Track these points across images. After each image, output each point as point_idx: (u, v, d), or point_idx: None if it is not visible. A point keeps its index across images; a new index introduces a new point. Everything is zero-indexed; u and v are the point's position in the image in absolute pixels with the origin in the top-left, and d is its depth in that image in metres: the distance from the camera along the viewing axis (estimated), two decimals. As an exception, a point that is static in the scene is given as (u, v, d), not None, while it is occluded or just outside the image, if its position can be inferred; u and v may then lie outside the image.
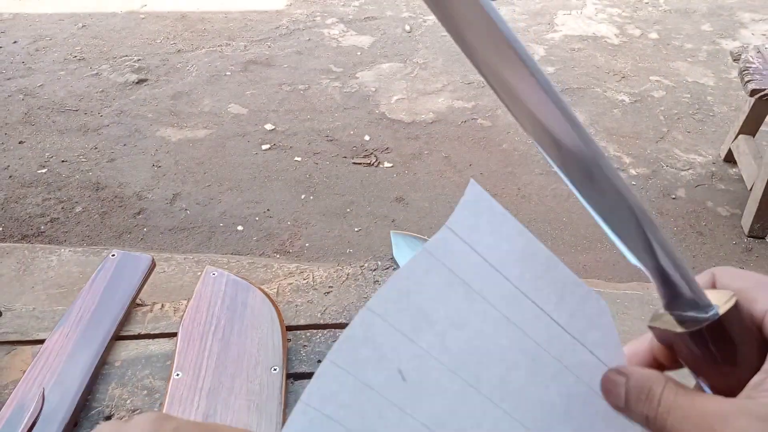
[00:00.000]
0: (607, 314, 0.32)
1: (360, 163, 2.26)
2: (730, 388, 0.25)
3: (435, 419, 0.29)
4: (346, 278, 0.75)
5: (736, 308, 0.25)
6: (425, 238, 0.82)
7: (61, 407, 0.56)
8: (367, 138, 2.40)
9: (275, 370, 0.60)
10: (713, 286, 0.28)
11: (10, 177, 2.12)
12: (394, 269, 0.79)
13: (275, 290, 0.75)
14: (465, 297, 0.29)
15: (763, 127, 2.20)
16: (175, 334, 0.67)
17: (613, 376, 0.28)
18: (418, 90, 2.74)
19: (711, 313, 0.26)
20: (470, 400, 0.29)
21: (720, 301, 0.26)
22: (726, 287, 0.27)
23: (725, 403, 0.24)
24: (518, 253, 0.30)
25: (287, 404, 0.58)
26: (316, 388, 0.28)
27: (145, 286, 0.72)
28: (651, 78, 2.89)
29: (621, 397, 0.27)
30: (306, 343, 0.66)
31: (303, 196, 2.10)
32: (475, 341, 0.29)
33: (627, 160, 2.33)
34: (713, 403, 0.24)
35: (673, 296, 0.27)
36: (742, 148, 2.14)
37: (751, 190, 1.99)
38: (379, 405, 0.28)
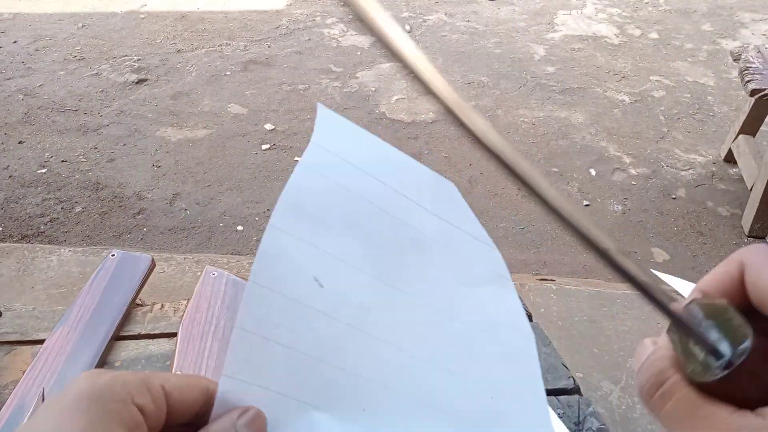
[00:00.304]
0: (457, 191, 0.37)
1: (360, 163, 2.26)
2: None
3: (355, 317, 0.31)
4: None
5: (752, 351, 0.22)
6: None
7: (60, 407, 0.56)
8: (367, 138, 2.40)
9: (275, 370, 0.59)
10: (742, 283, 0.24)
11: (10, 177, 2.12)
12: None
13: (275, 290, 0.75)
14: (348, 199, 0.33)
15: (763, 127, 2.20)
16: (174, 334, 0.67)
17: (646, 342, 0.27)
18: (418, 90, 2.74)
19: (720, 362, 0.23)
20: (379, 291, 0.32)
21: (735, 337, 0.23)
22: (761, 289, 0.23)
23: (738, 420, 0.22)
24: (376, 156, 0.36)
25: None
26: (247, 312, 0.29)
27: (145, 286, 0.72)
28: (651, 78, 2.89)
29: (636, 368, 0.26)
30: (306, 343, 0.66)
31: (303, 196, 2.10)
32: (368, 238, 0.33)
33: (627, 160, 2.33)
34: (727, 420, 0.22)
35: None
36: (743, 148, 2.14)
37: (751, 190, 1.99)
38: (307, 316, 0.30)
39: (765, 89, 1.89)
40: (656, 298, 0.23)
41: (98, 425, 0.24)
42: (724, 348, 0.22)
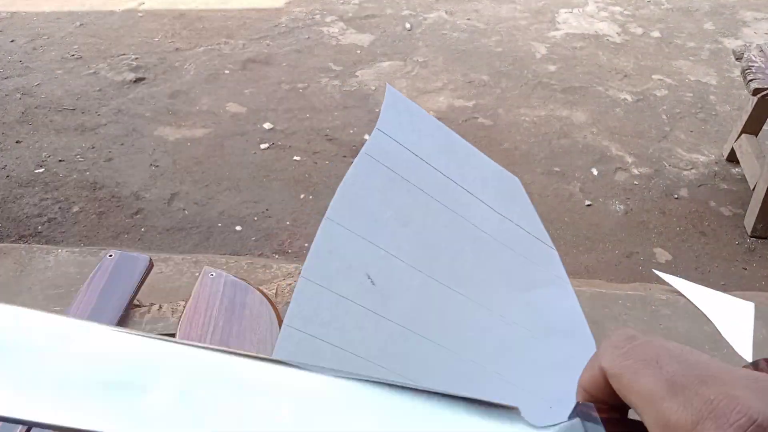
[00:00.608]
0: (520, 186, 0.36)
1: (360, 163, 2.25)
2: None
3: (406, 317, 0.30)
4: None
5: None
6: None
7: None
8: (367, 137, 2.39)
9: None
10: (608, 387, 0.24)
11: (7, 177, 2.10)
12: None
13: (274, 291, 0.74)
14: (408, 193, 0.32)
15: (766, 127, 2.19)
16: (173, 335, 0.66)
17: None
18: (418, 89, 2.73)
19: None
20: (431, 291, 0.31)
21: None
22: (627, 399, 0.23)
23: None
24: (441, 146, 0.34)
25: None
26: (297, 309, 0.28)
27: (143, 287, 0.71)
28: (653, 77, 2.88)
29: None
30: (307, 346, 0.65)
31: (302, 196, 2.09)
32: (423, 234, 0.32)
33: (629, 159, 2.32)
34: None
35: None
36: (745, 147, 2.13)
37: (753, 189, 1.98)
38: (356, 315, 0.29)
39: (767, 88, 1.88)
40: None
41: None
42: None
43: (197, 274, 0.74)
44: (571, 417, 0.24)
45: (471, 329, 0.32)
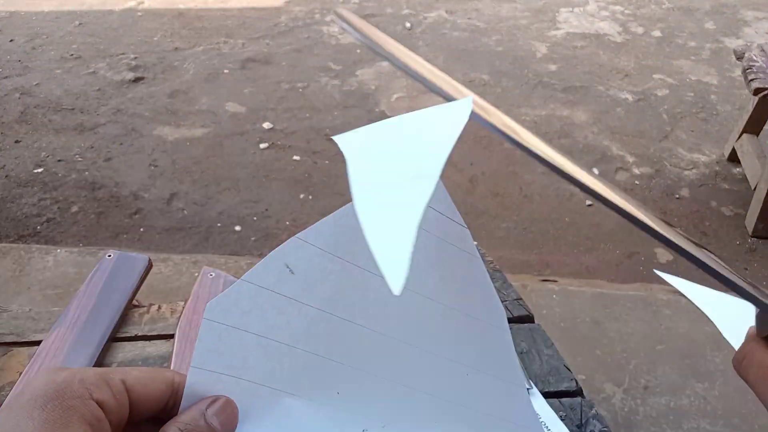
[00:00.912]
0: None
1: (360, 162, 2.24)
2: None
3: (328, 301, 0.30)
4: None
5: None
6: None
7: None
8: (367, 137, 2.38)
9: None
10: None
11: (6, 177, 2.10)
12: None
13: (275, 292, 0.74)
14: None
15: (767, 127, 2.19)
16: (172, 336, 0.66)
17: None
18: (418, 88, 2.72)
19: None
20: (351, 275, 0.31)
21: None
22: None
23: None
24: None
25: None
26: (215, 302, 0.29)
27: (142, 287, 0.71)
28: (654, 76, 2.87)
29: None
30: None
31: (302, 196, 2.08)
32: (342, 227, 0.32)
33: (630, 159, 2.31)
34: None
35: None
36: (746, 147, 2.12)
37: (755, 189, 1.98)
38: (277, 303, 0.30)
39: (768, 88, 1.87)
40: (737, 285, 0.26)
41: (56, 423, 0.23)
42: None
43: (196, 274, 0.74)
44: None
45: (391, 307, 0.32)
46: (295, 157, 2.26)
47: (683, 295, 1.19)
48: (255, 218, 1.98)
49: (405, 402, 0.33)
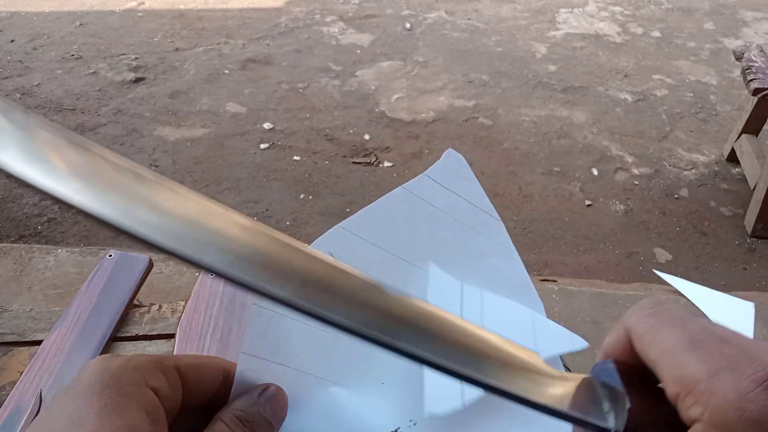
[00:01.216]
0: (464, 162, 0.38)
1: (360, 163, 2.25)
2: None
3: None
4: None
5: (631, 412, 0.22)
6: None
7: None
8: (367, 137, 2.39)
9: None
10: (630, 349, 0.24)
11: (7, 176, 2.10)
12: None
13: (276, 291, 0.74)
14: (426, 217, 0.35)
15: (766, 127, 2.19)
16: (172, 336, 0.66)
17: None
18: (418, 88, 2.73)
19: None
20: (393, 265, 0.33)
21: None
22: (646, 357, 0.23)
23: None
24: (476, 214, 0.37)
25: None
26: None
27: (143, 287, 0.71)
28: (653, 77, 2.88)
29: None
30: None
31: (302, 196, 2.09)
32: (385, 213, 0.34)
33: (629, 159, 2.32)
34: None
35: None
36: (745, 147, 2.13)
37: (754, 189, 1.98)
38: None
39: (767, 88, 1.88)
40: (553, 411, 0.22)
41: (114, 409, 0.23)
42: (611, 422, 0.22)
43: (197, 274, 0.74)
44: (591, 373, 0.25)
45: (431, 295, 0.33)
46: (296, 158, 2.26)
47: (683, 295, 1.19)
48: (255, 218, 1.98)
49: (449, 388, 0.33)
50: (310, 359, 0.30)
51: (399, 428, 0.31)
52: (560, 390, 0.23)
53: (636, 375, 0.23)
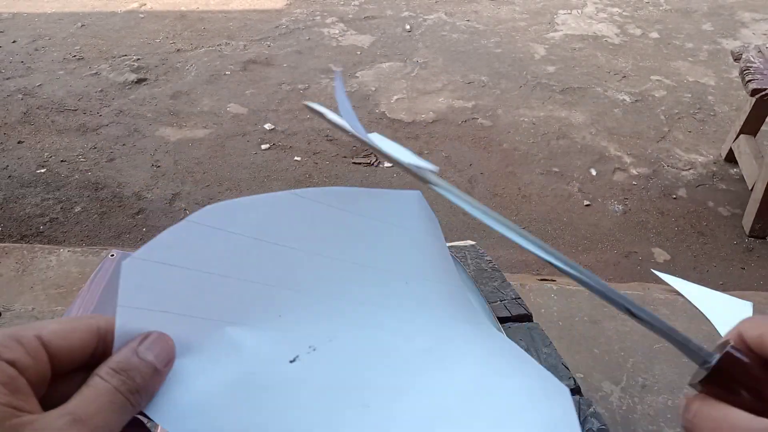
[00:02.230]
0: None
1: (360, 163, 2.26)
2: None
3: (256, 230, 0.31)
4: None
5: (729, 355, 0.28)
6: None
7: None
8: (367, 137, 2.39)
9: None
10: (741, 339, 0.30)
11: (9, 177, 2.11)
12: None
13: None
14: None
15: (764, 127, 2.20)
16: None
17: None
18: (418, 89, 2.74)
19: (710, 362, 0.29)
20: (279, 198, 0.32)
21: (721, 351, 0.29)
22: (752, 338, 0.29)
23: (754, 421, 0.26)
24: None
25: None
26: (145, 248, 0.28)
27: (145, 286, 0.72)
28: (652, 77, 2.88)
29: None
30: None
31: (303, 196, 2.09)
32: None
33: (628, 159, 2.32)
34: (743, 419, 0.27)
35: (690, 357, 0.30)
36: (743, 148, 2.13)
37: (752, 190, 1.99)
38: (204, 234, 0.29)
39: (766, 89, 1.88)
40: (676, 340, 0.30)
41: None
42: (707, 356, 0.29)
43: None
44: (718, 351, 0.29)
45: (318, 224, 0.33)
46: (296, 158, 2.27)
47: (680, 294, 1.19)
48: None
49: (347, 312, 0.32)
50: (196, 304, 0.29)
51: (298, 356, 0.30)
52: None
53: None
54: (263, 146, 2.33)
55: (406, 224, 0.36)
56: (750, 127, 2.17)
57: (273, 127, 2.44)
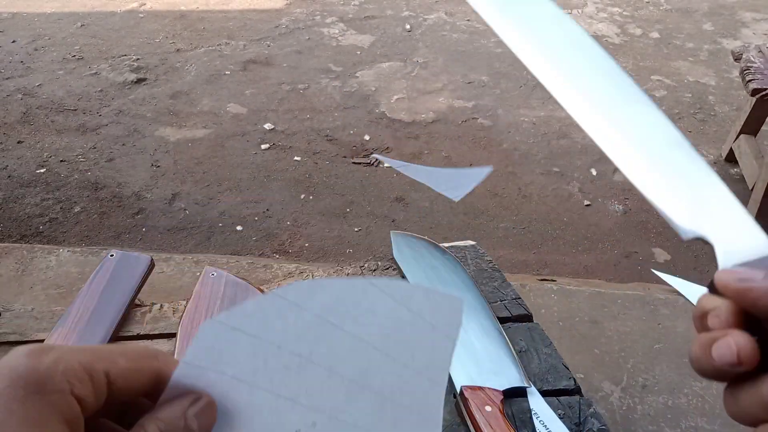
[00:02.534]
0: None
1: (360, 163, 2.26)
2: None
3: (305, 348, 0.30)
4: (346, 278, 0.74)
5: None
6: (425, 238, 0.81)
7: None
8: (367, 138, 2.39)
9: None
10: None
11: (9, 177, 2.11)
12: (393, 270, 0.78)
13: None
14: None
15: (764, 127, 2.20)
16: (174, 335, 0.67)
17: None
18: (418, 89, 2.74)
19: None
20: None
21: None
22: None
23: None
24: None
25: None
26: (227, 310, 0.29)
27: (144, 287, 0.72)
28: (652, 77, 2.88)
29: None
30: (307, 345, 0.66)
31: (303, 196, 2.09)
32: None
33: (628, 159, 2.32)
34: None
35: None
36: (744, 148, 2.13)
37: (752, 190, 1.99)
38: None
39: (766, 89, 1.88)
40: None
41: (35, 421, 0.22)
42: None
43: (198, 273, 0.74)
44: None
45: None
46: (296, 158, 2.27)
47: (681, 294, 1.19)
48: (256, 218, 1.99)
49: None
50: (249, 369, 0.29)
51: (299, 430, 0.30)
52: None
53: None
54: (263, 146, 2.33)
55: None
56: (750, 127, 2.17)
57: (273, 126, 2.44)
